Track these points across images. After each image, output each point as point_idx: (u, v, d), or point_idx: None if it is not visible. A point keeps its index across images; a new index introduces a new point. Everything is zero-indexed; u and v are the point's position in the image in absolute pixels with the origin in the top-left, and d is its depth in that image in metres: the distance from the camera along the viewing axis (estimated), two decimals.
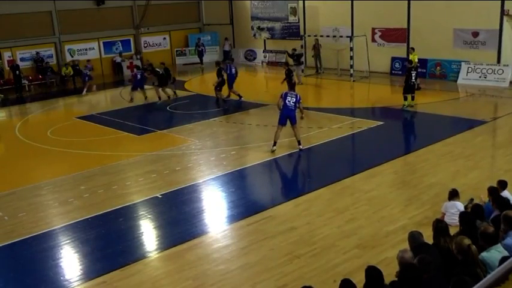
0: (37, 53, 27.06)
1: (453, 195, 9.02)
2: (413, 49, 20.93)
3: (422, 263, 5.45)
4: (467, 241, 5.65)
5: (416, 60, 20.33)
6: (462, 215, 6.95)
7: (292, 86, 17.16)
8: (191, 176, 12.61)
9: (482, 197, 8.45)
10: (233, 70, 20.63)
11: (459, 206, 8.82)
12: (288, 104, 13.65)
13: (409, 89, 17.76)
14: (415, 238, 6.29)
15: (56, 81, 27.24)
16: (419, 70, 22.87)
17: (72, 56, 28.14)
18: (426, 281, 5.31)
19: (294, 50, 24.32)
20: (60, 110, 22.63)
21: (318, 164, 13.52)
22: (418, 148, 13.58)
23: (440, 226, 6.46)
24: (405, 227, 8.99)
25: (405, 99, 17.85)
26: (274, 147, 13.81)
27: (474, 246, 5.61)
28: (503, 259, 5.20)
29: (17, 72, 25.07)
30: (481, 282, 3.93)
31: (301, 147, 13.80)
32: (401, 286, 5.40)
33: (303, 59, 24.64)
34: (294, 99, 13.70)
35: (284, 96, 13.76)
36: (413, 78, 17.74)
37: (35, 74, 26.96)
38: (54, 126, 18.21)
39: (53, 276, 8.39)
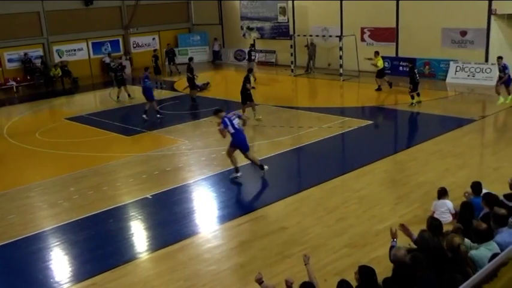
0: (25, 54, 26.88)
1: (442, 193, 9.08)
2: (377, 53, 20.99)
3: (414, 260, 5.47)
4: (457, 240, 5.67)
5: (381, 63, 20.65)
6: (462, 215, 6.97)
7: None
8: (181, 176, 12.59)
9: (468, 190, 8.50)
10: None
11: (449, 204, 8.88)
12: (238, 128, 11.95)
13: (416, 87, 17.87)
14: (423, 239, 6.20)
15: (45, 82, 27.06)
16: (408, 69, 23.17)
17: (60, 57, 27.96)
18: (419, 278, 5.33)
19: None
20: (49, 111, 22.47)
21: (308, 164, 13.53)
22: (407, 147, 13.66)
23: (434, 224, 6.48)
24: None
25: (413, 97, 17.94)
26: (238, 174, 12.12)
27: (464, 247, 5.63)
28: (494, 256, 5.23)
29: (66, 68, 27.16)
30: (470, 279, 3.96)
31: (265, 170, 12.05)
32: (394, 284, 5.42)
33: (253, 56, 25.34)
34: (237, 119, 12.08)
35: (230, 122, 11.77)
36: (417, 76, 17.94)
37: (23, 75, 26.77)
38: (43, 127, 18.10)
39: (43, 278, 8.34)
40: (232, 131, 11.81)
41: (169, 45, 28.99)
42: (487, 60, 21.06)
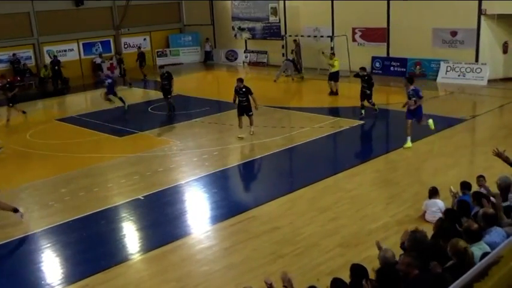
0: (13, 54, 26.73)
1: (433, 193, 9.12)
2: (334, 54, 21.06)
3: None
4: (463, 243, 5.59)
5: (338, 66, 20.51)
6: (448, 212, 6.94)
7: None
8: (173, 177, 12.56)
9: (453, 188, 8.53)
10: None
11: (440, 203, 8.92)
12: None
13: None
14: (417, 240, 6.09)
15: (35, 83, 26.93)
16: (400, 69, 23.31)
17: (51, 58, 27.78)
18: (416, 279, 5.31)
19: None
20: (40, 112, 22.33)
21: (300, 164, 13.55)
22: (398, 146, 13.69)
23: (445, 227, 6.35)
24: (387, 225, 9.09)
25: (373, 104, 17.20)
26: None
27: (471, 250, 5.56)
28: (484, 255, 5.24)
29: (56, 67, 26.52)
30: (460, 279, 3.96)
31: (20, 213, 10.24)
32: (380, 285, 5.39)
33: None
34: None
35: None
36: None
37: (12, 76, 26.61)
38: (34, 128, 18.00)
39: (34, 280, 8.29)
40: None
41: (139, 49, 28.16)
42: (477, 60, 21.21)
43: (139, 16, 30.44)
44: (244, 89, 15.00)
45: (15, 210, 10.30)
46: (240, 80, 15.12)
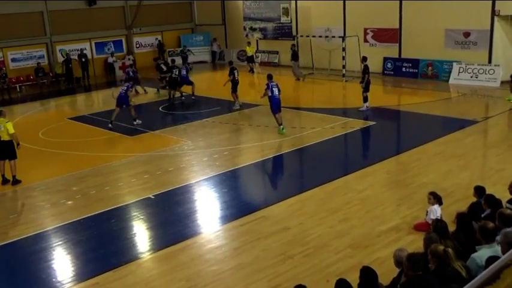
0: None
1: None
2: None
3: (411, 260, 5.44)
4: (441, 246, 5.58)
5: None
6: (459, 216, 6.90)
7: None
8: (184, 176, 12.59)
9: None
10: (183, 72, 21.49)
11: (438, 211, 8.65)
12: None
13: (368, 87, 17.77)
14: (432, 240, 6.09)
15: (48, 81, 27.14)
16: (411, 70, 23.19)
17: (64, 57, 27.96)
18: (415, 279, 5.30)
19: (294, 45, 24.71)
20: (52, 110, 22.51)
21: (311, 164, 13.53)
22: (410, 148, 13.62)
23: (440, 226, 6.38)
24: (397, 227, 9.04)
25: (366, 99, 17.80)
26: None
27: (450, 249, 5.54)
28: (490, 259, 5.19)
29: (70, 65, 27.07)
30: (473, 281, 3.94)
31: None
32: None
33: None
34: None
35: None
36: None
37: (26, 75, 26.85)
38: (46, 127, 18.12)
39: (45, 278, 8.35)
40: None
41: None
42: (490, 61, 21.03)
43: (151, 16, 30.58)
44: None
45: None
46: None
